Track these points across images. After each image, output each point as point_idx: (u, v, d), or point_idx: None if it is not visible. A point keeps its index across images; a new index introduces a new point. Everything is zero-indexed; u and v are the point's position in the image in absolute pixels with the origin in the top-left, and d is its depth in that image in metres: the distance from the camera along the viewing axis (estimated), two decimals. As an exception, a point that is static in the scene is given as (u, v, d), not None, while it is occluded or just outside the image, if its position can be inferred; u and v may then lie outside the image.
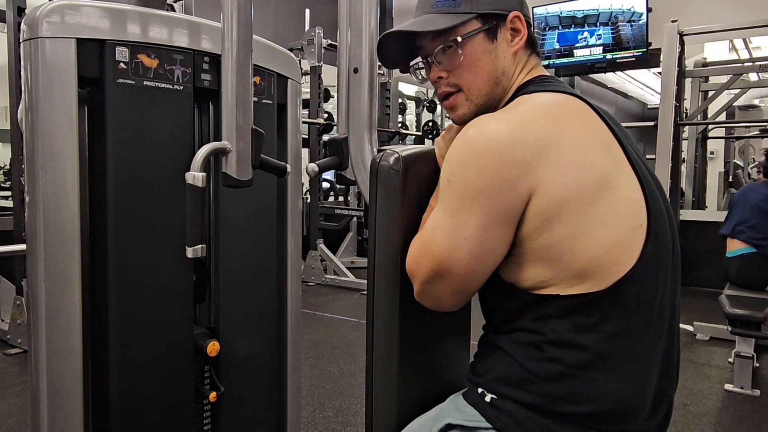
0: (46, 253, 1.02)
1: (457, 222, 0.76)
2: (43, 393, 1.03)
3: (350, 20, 1.06)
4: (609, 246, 0.74)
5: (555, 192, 0.73)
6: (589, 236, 0.73)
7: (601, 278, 0.75)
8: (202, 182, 1.02)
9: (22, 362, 3.07)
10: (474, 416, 0.81)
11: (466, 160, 0.76)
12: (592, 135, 0.77)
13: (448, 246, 0.76)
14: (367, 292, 0.95)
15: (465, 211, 0.75)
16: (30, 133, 1.01)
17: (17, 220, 3.25)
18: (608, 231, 0.74)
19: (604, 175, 0.74)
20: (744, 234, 3.51)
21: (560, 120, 0.76)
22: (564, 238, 0.74)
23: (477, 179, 0.74)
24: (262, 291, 1.35)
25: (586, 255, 0.74)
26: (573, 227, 0.73)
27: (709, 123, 6.14)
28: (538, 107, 0.79)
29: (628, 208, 0.75)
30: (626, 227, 0.75)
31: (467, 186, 0.75)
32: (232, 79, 1.04)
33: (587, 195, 0.73)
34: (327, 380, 2.93)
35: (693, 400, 2.77)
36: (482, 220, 0.74)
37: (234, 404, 1.29)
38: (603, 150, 0.76)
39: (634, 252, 0.75)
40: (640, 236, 0.76)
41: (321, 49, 5.31)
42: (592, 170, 0.74)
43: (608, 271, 0.74)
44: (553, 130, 0.74)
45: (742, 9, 5.25)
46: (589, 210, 0.73)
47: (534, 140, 0.73)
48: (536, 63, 0.91)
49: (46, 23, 0.98)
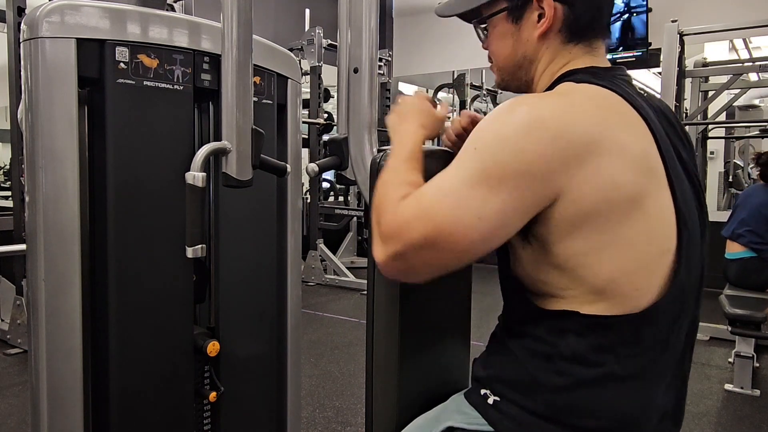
0: (46, 253, 1.02)
1: (474, 197, 0.67)
2: (43, 393, 1.03)
3: (350, 20, 1.06)
4: (630, 269, 0.71)
5: (584, 203, 0.68)
6: (609, 255, 0.70)
7: (620, 301, 0.72)
8: (202, 182, 1.02)
9: (22, 362, 3.07)
10: (476, 419, 0.80)
11: (504, 134, 0.69)
12: (634, 144, 0.71)
13: (456, 219, 0.68)
14: (367, 292, 0.96)
15: (487, 189, 0.67)
16: (30, 133, 1.01)
17: (17, 220, 3.25)
18: (631, 254, 0.71)
19: (638, 194, 0.70)
20: (744, 238, 3.50)
21: (606, 120, 0.70)
22: (584, 251, 0.70)
23: (512, 159, 0.67)
24: (262, 291, 1.35)
25: (604, 274, 0.71)
26: (595, 242, 0.70)
27: (709, 123, 6.13)
28: (588, 101, 0.72)
29: (657, 231, 0.71)
30: (652, 252, 0.71)
31: (498, 163, 0.68)
32: (232, 79, 1.04)
33: (616, 214, 0.69)
34: (327, 380, 2.93)
35: (693, 400, 2.77)
36: (505, 205, 0.67)
37: (234, 404, 1.29)
38: (642, 164, 0.71)
39: (656, 280, 0.72)
40: (665, 263, 0.72)
41: (321, 49, 5.31)
42: (627, 188, 0.69)
43: (628, 295, 0.71)
44: (599, 130, 0.69)
45: (742, 9, 5.25)
46: (615, 228, 0.69)
47: (579, 138, 0.67)
48: (582, 53, 0.82)
49: (46, 23, 0.98)
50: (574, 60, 0.82)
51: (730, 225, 3.62)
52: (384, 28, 7.72)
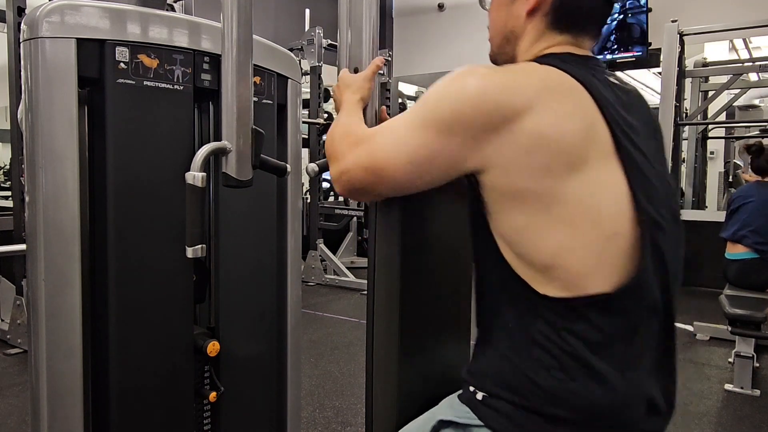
0: (46, 253, 1.02)
1: (409, 142, 0.77)
2: (43, 393, 1.03)
3: (350, 20, 1.06)
4: (571, 248, 0.71)
5: (512, 174, 0.71)
6: (548, 232, 0.71)
7: (567, 282, 0.72)
8: (202, 182, 1.02)
9: (22, 362, 3.07)
10: (466, 413, 0.80)
11: (449, 95, 0.76)
12: (577, 120, 0.72)
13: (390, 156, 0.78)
14: (367, 292, 0.96)
15: (422, 137, 0.76)
16: (30, 133, 1.01)
17: (17, 220, 3.25)
18: (571, 231, 0.71)
19: (577, 159, 0.70)
20: (748, 239, 3.47)
21: (548, 98, 0.72)
22: (524, 225, 0.72)
23: (448, 117, 0.74)
24: (262, 291, 1.35)
25: (546, 250, 0.72)
26: (533, 216, 0.72)
27: (709, 123, 6.14)
28: (536, 80, 0.75)
29: (601, 210, 0.71)
30: (597, 233, 0.71)
31: (437, 116, 0.76)
32: (232, 79, 1.04)
33: (547, 187, 0.70)
34: (327, 380, 2.93)
35: (693, 400, 2.77)
36: (433, 154, 0.76)
37: (234, 404, 1.29)
38: (585, 134, 0.72)
39: (607, 265, 0.71)
40: (617, 247, 0.71)
41: (321, 49, 5.32)
42: (564, 153, 0.70)
43: (573, 275, 0.71)
44: (537, 105, 0.71)
45: (742, 9, 5.25)
46: (552, 202, 0.70)
47: (513, 111, 0.71)
48: (565, 42, 0.84)
49: (46, 23, 0.98)
50: (555, 47, 0.84)
51: (731, 226, 3.60)
52: (384, 28, 7.72)
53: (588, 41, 0.85)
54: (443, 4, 7.43)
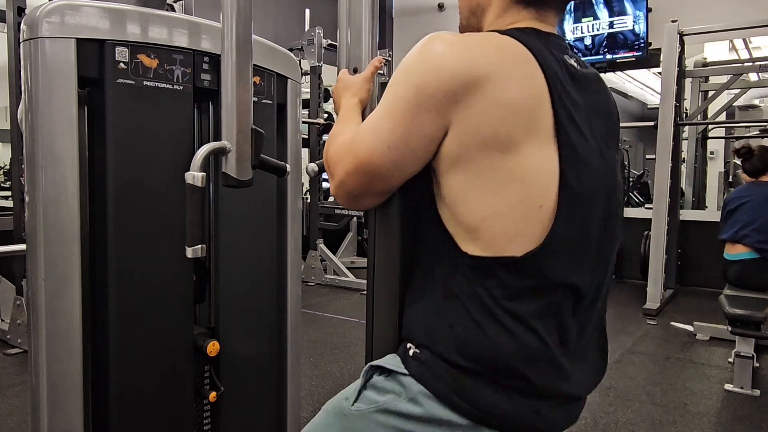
0: (46, 253, 1.02)
1: (383, 128, 0.78)
2: (43, 393, 1.03)
3: (350, 20, 1.06)
4: (500, 213, 0.75)
5: (464, 140, 0.75)
6: (482, 196, 0.75)
7: (491, 243, 0.76)
8: (201, 182, 1.02)
9: (22, 362, 3.07)
10: (396, 362, 0.83)
11: (411, 70, 0.78)
12: (524, 98, 0.75)
13: (371, 150, 0.79)
14: (367, 292, 0.95)
15: (394, 120, 0.77)
16: (30, 133, 1.01)
17: (17, 220, 3.25)
18: (501, 199, 0.75)
19: (513, 143, 0.74)
20: (750, 238, 3.46)
21: (502, 69, 0.75)
22: (461, 187, 0.76)
23: (414, 93, 0.76)
24: (262, 291, 1.35)
25: (477, 213, 0.76)
26: (470, 180, 0.76)
27: (709, 123, 6.14)
28: (493, 49, 0.77)
29: (531, 183, 0.75)
30: (526, 203, 0.75)
31: (403, 96, 0.77)
32: (232, 79, 1.04)
33: (489, 156, 0.74)
34: (327, 380, 2.93)
35: (693, 400, 2.77)
36: (408, 135, 0.77)
37: (234, 404, 1.29)
38: (525, 117, 0.75)
39: (530, 232, 0.76)
40: (540, 217, 0.75)
41: (321, 49, 5.31)
42: (503, 135, 0.74)
43: (497, 237, 0.76)
44: (492, 75, 0.74)
45: (742, 9, 5.25)
46: (487, 171, 0.75)
47: (471, 78, 0.73)
48: (530, 17, 0.86)
49: (46, 23, 0.99)
50: (521, 21, 0.86)
51: (730, 227, 3.59)
52: (384, 28, 7.72)
53: (552, 16, 0.87)
54: (443, 4, 7.43)
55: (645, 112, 12.49)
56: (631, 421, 2.52)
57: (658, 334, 3.96)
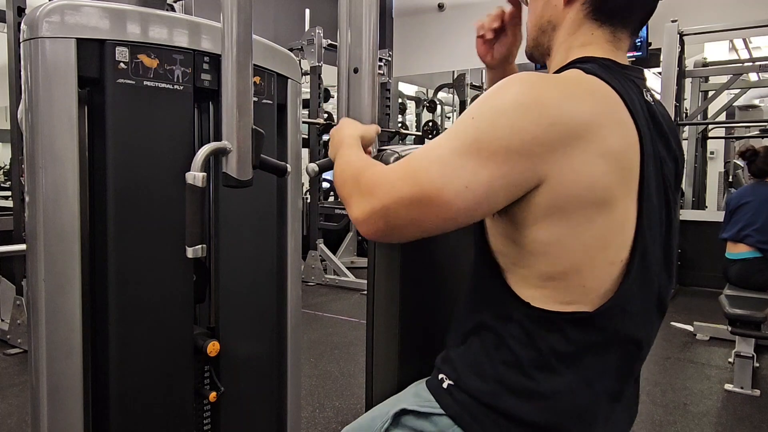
0: (46, 253, 1.02)
1: (463, 165, 0.68)
2: (43, 393, 1.03)
3: (350, 20, 1.06)
4: (584, 265, 0.71)
5: (560, 194, 0.68)
6: (569, 250, 0.71)
7: (566, 296, 0.72)
8: (202, 182, 1.02)
9: (22, 362, 3.07)
10: (429, 401, 0.80)
11: (502, 108, 0.68)
12: (619, 144, 0.70)
13: (443, 185, 0.68)
14: (367, 292, 0.96)
15: (477, 160, 0.67)
16: (30, 133, 1.01)
17: (17, 220, 3.25)
18: (588, 253, 0.71)
19: (609, 198, 0.69)
20: (751, 238, 3.47)
21: (599, 117, 0.69)
22: (549, 240, 0.71)
23: (506, 135, 0.67)
24: (262, 291, 1.35)
25: (560, 265, 0.72)
26: (560, 234, 0.70)
27: (709, 123, 6.14)
28: (587, 94, 0.71)
29: (615, 237, 0.71)
30: (606, 256, 0.72)
31: (492, 135, 0.67)
32: (232, 79, 1.04)
33: (585, 211, 0.69)
34: (327, 380, 2.93)
35: (693, 400, 2.77)
36: (492, 179, 0.67)
37: (234, 404, 1.29)
38: (621, 164, 0.70)
39: (604, 285, 0.72)
40: (615, 272, 0.72)
41: (321, 49, 5.31)
42: (601, 189, 0.69)
43: (575, 290, 0.72)
44: (592, 124, 0.68)
45: (742, 9, 5.25)
46: (579, 226, 0.70)
47: (573, 128, 0.67)
48: (603, 40, 0.80)
49: (46, 23, 0.98)
50: (594, 44, 0.81)
51: (732, 227, 3.60)
52: (384, 28, 7.72)
53: (626, 37, 0.82)
54: (443, 4, 7.43)
55: (645, 112, 12.45)
56: (631, 421, 2.52)
57: (658, 334, 3.95)
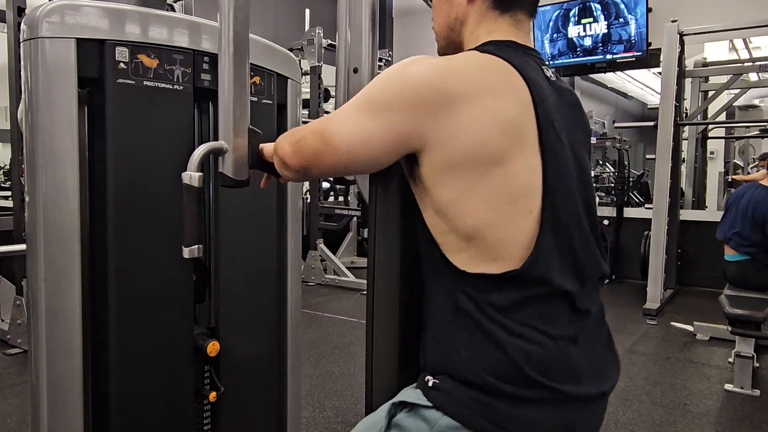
0: (46, 253, 1.02)
1: (355, 117, 0.81)
2: (43, 393, 1.03)
3: (350, 20, 1.06)
4: (495, 220, 0.77)
5: (451, 154, 0.77)
6: (474, 205, 0.78)
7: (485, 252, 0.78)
8: (198, 182, 1.01)
9: (22, 362, 3.07)
10: (418, 394, 0.83)
11: (392, 79, 0.80)
12: (508, 110, 0.78)
13: (336, 128, 0.82)
14: (367, 292, 0.95)
15: (364, 114, 0.80)
16: (30, 133, 1.01)
17: (17, 220, 3.25)
18: (492, 207, 0.77)
19: (501, 154, 0.76)
20: (732, 241, 3.48)
21: (484, 84, 0.78)
22: (453, 198, 0.78)
23: (387, 99, 0.79)
24: (262, 291, 1.35)
25: (472, 222, 0.78)
26: (462, 191, 0.78)
27: (709, 123, 6.14)
28: (475, 66, 0.81)
29: (519, 191, 0.78)
30: (514, 210, 0.78)
31: (378, 98, 0.80)
32: (229, 79, 1.03)
33: (479, 168, 0.76)
34: (327, 380, 2.93)
35: (693, 400, 2.77)
36: (370, 130, 0.80)
37: (234, 404, 1.29)
38: (511, 128, 0.78)
39: (522, 239, 0.78)
40: (530, 224, 0.78)
41: (321, 49, 5.31)
42: (491, 147, 0.76)
43: (492, 245, 0.78)
44: (473, 91, 0.77)
45: (742, 9, 5.25)
46: (477, 181, 0.77)
47: (449, 96, 0.76)
48: (506, 25, 0.90)
49: (46, 23, 0.99)
50: (498, 30, 0.89)
51: (721, 228, 3.60)
52: (384, 28, 7.72)
53: (525, 18, 0.91)
54: (443, 4, 7.43)
55: (645, 112, 12.49)
56: (631, 421, 2.52)
57: (658, 334, 3.96)
